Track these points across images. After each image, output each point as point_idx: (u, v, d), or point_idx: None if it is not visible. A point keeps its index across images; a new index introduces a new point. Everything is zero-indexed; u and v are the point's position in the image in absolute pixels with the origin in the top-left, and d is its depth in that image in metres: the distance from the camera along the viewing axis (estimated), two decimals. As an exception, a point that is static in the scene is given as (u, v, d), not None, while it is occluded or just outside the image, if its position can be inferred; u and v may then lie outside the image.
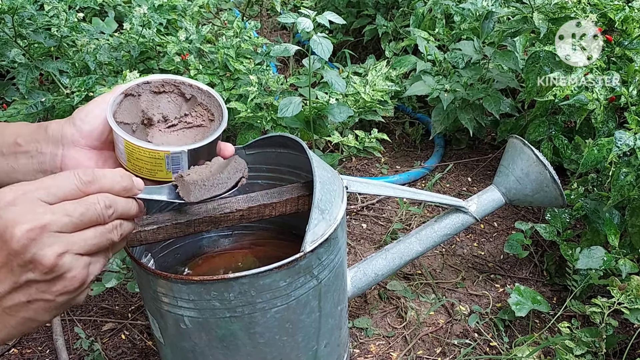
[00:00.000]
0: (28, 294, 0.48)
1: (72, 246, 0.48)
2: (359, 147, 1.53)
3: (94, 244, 0.50)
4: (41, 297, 0.49)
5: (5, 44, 1.30)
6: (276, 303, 0.74)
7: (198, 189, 0.63)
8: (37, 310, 0.49)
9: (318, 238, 0.74)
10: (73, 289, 0.49)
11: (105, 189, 0.52)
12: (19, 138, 0.63)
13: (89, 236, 0.50)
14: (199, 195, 0.63)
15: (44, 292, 0.48)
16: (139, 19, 1.40)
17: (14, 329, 0.50)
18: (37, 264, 0.47)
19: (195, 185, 0.63)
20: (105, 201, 0.51)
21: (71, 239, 0.48)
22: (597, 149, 1.13)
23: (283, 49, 1.33)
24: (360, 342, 1.17)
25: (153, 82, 0.66)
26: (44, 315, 0.50)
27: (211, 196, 0.64)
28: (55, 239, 0.47)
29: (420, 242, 1.08)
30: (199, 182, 0.63)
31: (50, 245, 0.47)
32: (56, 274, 0.48)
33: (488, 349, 1.15)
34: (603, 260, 1.08)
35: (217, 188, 0.64)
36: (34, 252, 0.46)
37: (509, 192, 1.12)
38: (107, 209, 0.51)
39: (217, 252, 1.03)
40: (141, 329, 1.20)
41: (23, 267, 0.47)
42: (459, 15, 1.77)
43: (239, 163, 0.67)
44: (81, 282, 0.50)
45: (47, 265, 0.47)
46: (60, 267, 0.47)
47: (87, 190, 0.50)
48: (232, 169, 0.66)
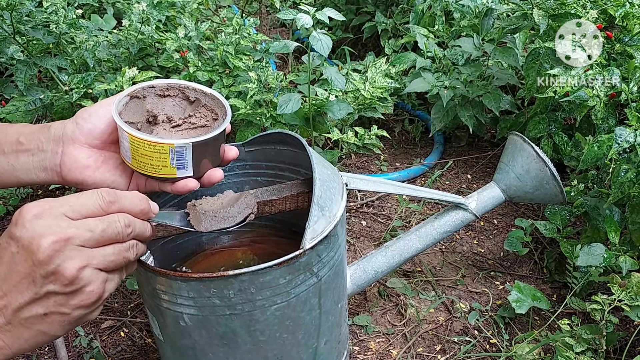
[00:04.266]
0: (46, 306, 0.50)
1: (92, 260, 0.50)
2: (358, 144, 1.52)
3: (112, 260, 0.52)
4: (58, 310, 0.50)
5: (3, 40, 1.29)
6: (276, 300, 0.74)
7: (208, 220, 0.66)
8: (52, 324, 0.51)
9: (318, 235, 0.74)
10: (90, 303, 0.51)
11: (125, 209, 0.54)
12: (22, 137, 0.64)
13: (108, 252, 0.52)
14: (209, 226, 0.66)
15: (62, 305, 0.50)
16: (138, 15, 1.40)
17: (26, 342, 0.51)
18: (59, 275, 0.48)
19: (206, 216, 0.66)
20: (125, 220, 0.54)
21: (92, 253, 0.51)
22: (598, 146, 1.13)
23: (282, 46, 1.33)
24: (360, 340, 1.17)
25: (158, 86, 0.67)
26: (57, 329, 0.51)
27: (220, 228, 0.67)
28: (77, 253, 0.49)
29: (420, 240, 1.08)
30: (210, 213, 0.66)
31: (72, 258, 0.49)
32: (76, 286, 0.50)
33: (488, 346, 1.15)
34: (603, 258, 1.08)
35: (226, 221, 0.67)
36: (57, 264, 0.48)
37: (509, 189, 1.12)
38: (126, 228, 0.54)
39: (217, 249, 1.03)
40: (140, 326, 1.20)
41: (45, 278, 0.48)
42: (459, 12, 1.77)
43: (249, 199, 0.70)
44: (98, 296, 0.52)
45: (68, 276, 0.49)
46: (80, 280, 0.50)
47: (109, 210, 0.53)
48: (243, 204, 0.69)
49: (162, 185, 0.66)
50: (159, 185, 0.66)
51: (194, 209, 0.66)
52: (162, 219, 0.64)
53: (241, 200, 0.69)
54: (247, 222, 0.76)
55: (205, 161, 0.65)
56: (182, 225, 0.66)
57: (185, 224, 0.66)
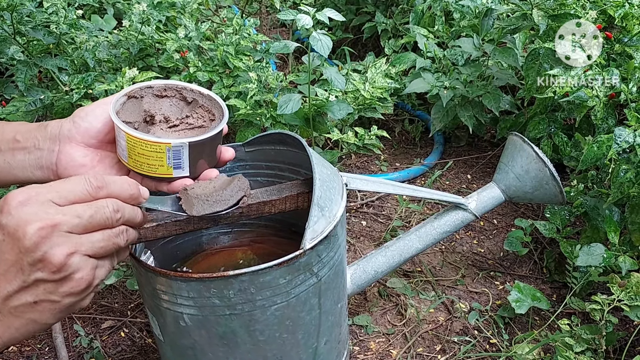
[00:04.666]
0: (35, 294, 0.49)
1: (80, 247, 0.49)
2: (358, 144, 1.52)
3: (102, 246, 0.51)
4: (48, 298, 0.49)
5: (4, 41, 1.29)
6: (276, 300, 0.74)
7: (200, 204, 0.65)
8: (43, 312, 0.50)
9: (318, 235, 0.74)
10: (80, 290, 0.50)
11: (114, 194, 0.53)
12: (18, 135, 0.64)
13: (97, 238, 0.51)
14: (201, 209, 0.65)
15: (51, 293, 0.49)
16: (138, 16, 1.40)
17: (16, 330, 0.50)
18: (46, 263, 0.47)
19: (198, 200, 0.65)
20: (113, 205, 0.52)
21: (80, 239, 0.50)
22: (597, 146, 1.13)
23: (282, 46, 1.33)
24: (360, 340, 1.17)
25: (156, 86, 0.68)
26: (48, 317, 0.51)
27: (213, 212, 0.66)
28: (65, 239, 0.48)
29: (420, 240, 1.08)
30: (202, 197, 0.65)
31: (60, 245, 0.48)
32: (64, 273, 0.49)
33: (488, 346, 1.15)
34: (603, 258, 1.08)
35: (219, 204, 0.66)
36: (44, 250, 0.47)
37: (509, 189, 1.12)
38: (115, 213, 0.52)
39: (217, 249, 1.03)
40: (141, 326, 1.20)
41: (33, 265, 0.47)
42: (459, 12, 1.77)
43: (242, 182, 0.69)
44: (87, 283, 0.50)
45: (56, 263, 0.48)
46: (69, 267, 0.48)
47: (97, 195, 0.52)
48: (235, 187, 0.68)
49: (159, 185, 0.66)
50: (155, 185, 0.66)
51: (186, 193, 0.65)
52: (153, 204, 0.63)
53: (234, 183, 0.68)
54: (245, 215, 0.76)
55: (202, 161, 0.65)
56: (174, 210, 0.65)
57: (177, 208, 0.65)
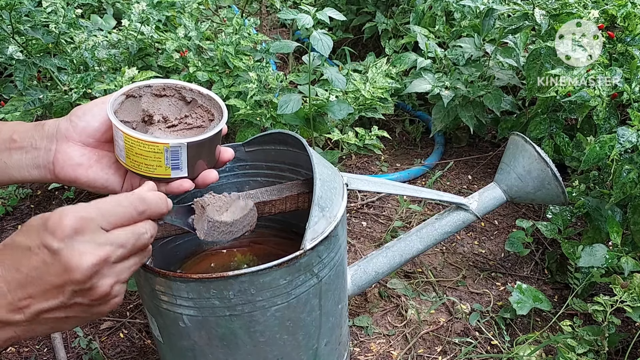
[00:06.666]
0: (70, 312, 0.52)
1: (121, 276, 0.53)
2: (359, 144, 1.52)
3: (133, 270, 0.55)
4: (79, 315, 0.52)
5: (3, 40, 1.29)
6: (276, 301, 0.73)
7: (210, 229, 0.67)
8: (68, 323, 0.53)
9: (318, 236, 0.73)
10: (108, 309, 0.54)
11: (153, 216, 0.56)
12: (15, 134, 0.63)
13: (131, 264, 0.54)
14: (209, 236, 0.68)
15: (84, 312, 0.52)
16: (138, 15, 1.40)
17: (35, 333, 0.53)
18: (92, 292, 0.50)
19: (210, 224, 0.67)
20: (152, 231, 0.56)
21: (121, 268, 0.53)
22: (599, 146, 1.12)
23: (282, 46, 1.32)
24: (360, 341, 1.16)
25: (154, 85, 0.67)
26: (69, 327, 0.54)
27: (218, 240, 0.69)
28: (111, 271, 0.52)
29: (421, 240, 1.08)
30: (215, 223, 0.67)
31: (107, 277, 0.51)
32: (104, 300, 0.52)
33: (489, 348, 1.14)
34: (605, 258, 1.08)
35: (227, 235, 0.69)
36: (92, 283, 0.50)
37: (510, 190, 1.12)
38: (151, 238, 0.56)
39: (217, 250, 1.02)
40: (140, 327, 1.19)
41: (76, 292, 0.50)
42: (459, 12, 1.77)
43: (252, 216, 0.72)
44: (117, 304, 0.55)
45: (101, 294, 0.51)
46: (110, 295, 0.52)
47: (139, 219, 0.55)
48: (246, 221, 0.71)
49: (157, 185, 0.65)
50: None
51: (202, 211, 0.67)
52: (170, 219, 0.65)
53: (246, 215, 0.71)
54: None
55: (201, 162, 0.65)
56: (185, 226, 0.67)
57: (189, 224, 0.68)
